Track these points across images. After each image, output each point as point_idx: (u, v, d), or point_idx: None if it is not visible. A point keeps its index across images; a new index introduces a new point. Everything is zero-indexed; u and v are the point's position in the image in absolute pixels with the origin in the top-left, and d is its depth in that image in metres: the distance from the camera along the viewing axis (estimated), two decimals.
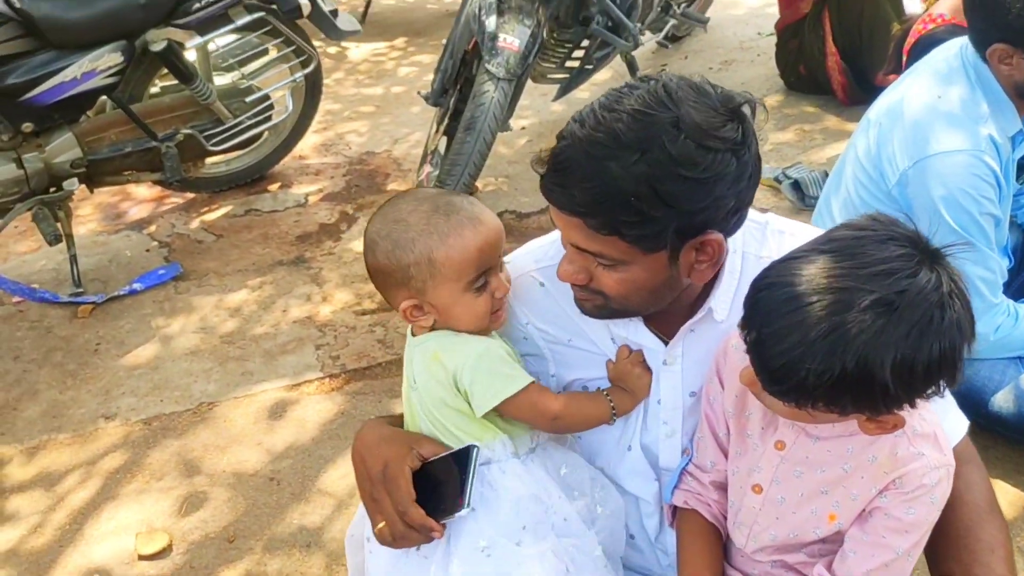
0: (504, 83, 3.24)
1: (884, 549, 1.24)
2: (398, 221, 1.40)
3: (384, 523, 1.38)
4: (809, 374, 1.06)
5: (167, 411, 2.91)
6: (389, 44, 6.15)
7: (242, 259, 3.75)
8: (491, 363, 1.39)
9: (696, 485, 1.44)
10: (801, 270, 1.10)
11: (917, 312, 1.04)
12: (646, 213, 1.18)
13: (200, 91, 3.68)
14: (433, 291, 1.38)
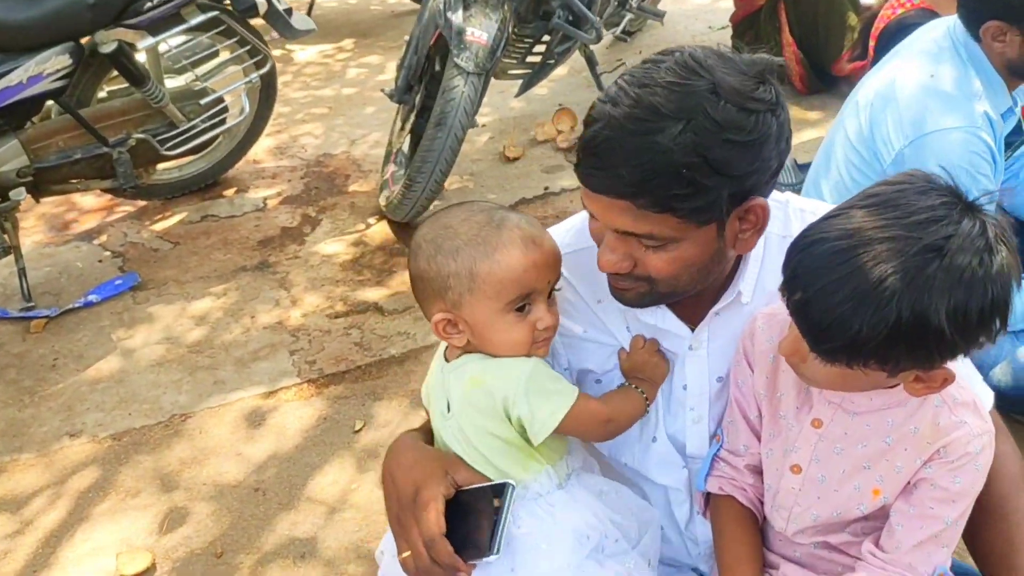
0: (474, 77, 3.18)
1: (932, 520, 1.23)
2: (447, 227, 1.31)
3: (409, 552, 1.29)
4: (863, 327, 1.03)
5: (137, 425, 2.78)
6: (336, 46, 6.04)
7: (202, 266, 3.62)
8: (542, 382, 1.30)
9: (730, 470, 1.41)
10: (844, 225, 1.09)
11: (967, 256, 1.03)
12: (699, 183, 1.15)
13: (152, 94, 3.55)
14: (469, 307, 1.28)
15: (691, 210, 1.17)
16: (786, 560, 1.39)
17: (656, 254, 1.23)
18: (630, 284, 1.28)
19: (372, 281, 3.40)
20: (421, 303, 1.36)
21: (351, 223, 3.81)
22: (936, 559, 1.23)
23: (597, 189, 1.19)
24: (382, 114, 4.84)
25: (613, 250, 1.24)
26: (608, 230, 1.24)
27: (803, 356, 1.15)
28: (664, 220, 1.18)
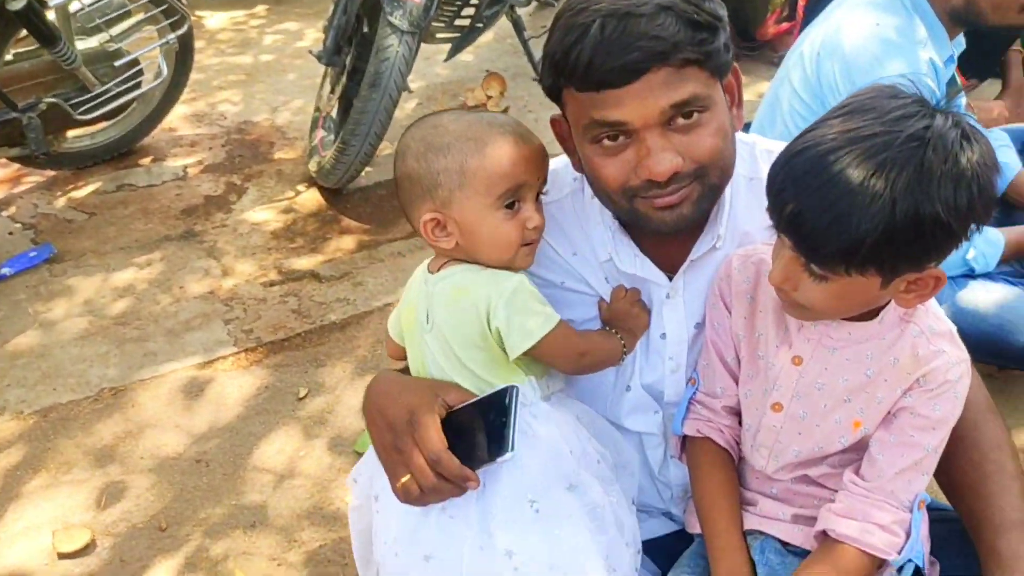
0: (408, 36, 3.11)
1: (913, 448, 1.25)
2: (437, 126, 1.29)
3: (409, 476, 1.25)
4: (861, 222, 1.03)
5: (64, 400, 2.64)
6: (248, 12, 5.84)
7: (122, 236, 3.46)
8: (526, 299, 1.28)
9: (707, 412, 1.41)
10: (824, 133, 1.09)
11: (947, 143, 1.05)
12: (709, 25, 1.19)
13: (64, 55, 3.36)
14: (459, 205, 1.26)
15: (713, 53, 1.18)
16: (763, 496, 1.40)
17: (698, 133, 1.20)
18: (684, 191, 1.23)
19: (306, 248, 3.31)
20: (407, 208, 1.32)
21: (279, 190, 3.70)
22: (916, 486, 1.26)
23: (638, 64, 1.15)
24: (304, 80, 4.71)
25: (664, 148, 1.19)
26: (645, 132, 1.19)
27: (795, 283, 1.15)
28: (697, 76, 1.18)
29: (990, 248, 2.19)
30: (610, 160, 1.23)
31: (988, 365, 2.35)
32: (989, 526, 1.28)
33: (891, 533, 1.21)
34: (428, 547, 1.27)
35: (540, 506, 1.25)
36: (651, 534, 1.56)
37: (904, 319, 1.22)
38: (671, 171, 1.20)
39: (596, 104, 1.19)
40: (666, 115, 1.18)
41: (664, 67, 1.15)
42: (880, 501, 1.22)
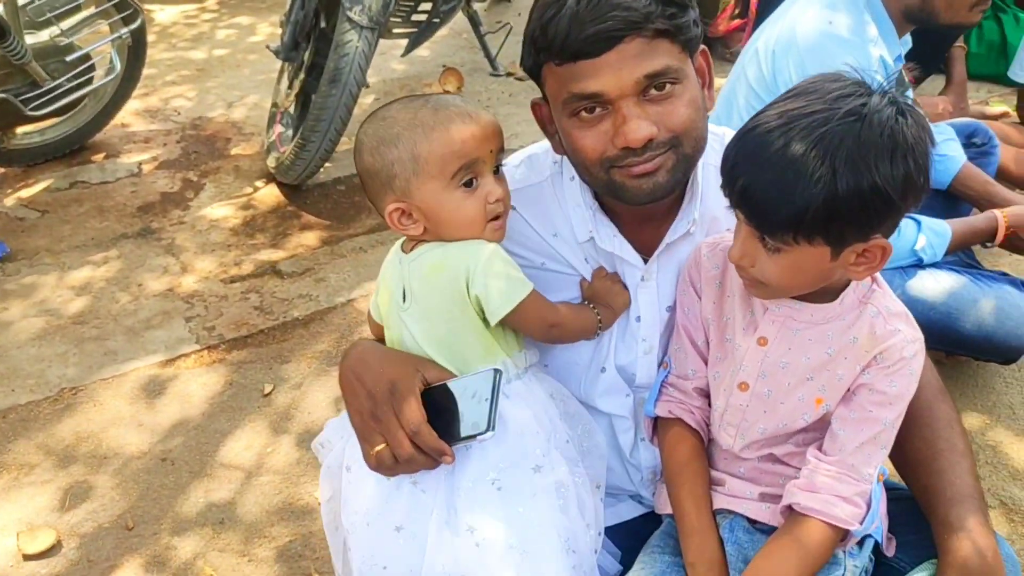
0: (367, 32, 3.11)
1: (872, 422, 1.30)
2: (385, 119, 1.32)
3: (384, 445, 1.28)
4: (805, 192, 1.10)
5: (22, 401, 2.60)
6: (199, 6, 5.77)
7: (76, 234, 3.41)
8: (500, 265, 1.32)
9: (678, 394, 1.45)
10: (771, 113, 1.16)
11: (883, 118, 1.12)
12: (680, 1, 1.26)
13: (13, 50, 3.30)
14: (418, 191, 1.30)
15: (684, 27, 1.25)
16: (731, 476, 1.44)
17: (671, 103, 1.25)
18: (659, 159, 1.28)
19: (267, 244, 3.30)
20: (373, 201, 1.36)
21: (238, 187, 3.67)
22: (876, 460, 1.31)
23: (613, 32, 1.20)
24: (258, 76, 4.67)
25: (639, 116, 1.24)
26: (621, 102, 1.24)
27: (752, 258, 1.20)
28: (669, 50, 1.24)
29: (938, 239, 2.27)
30: (588, 132, 1.28)
31: (937, 351, 2.45)
32: (941, 499, 1.34)
33: (853, 504, 1.26)
34: (399, 518, 1.31)
35: (502, 484, 1.29)
36: (620, 518, 1.61)
37: (863, 301, 1.28)
38: (646, 138, 1.24)
39: (574, 76, 1.24)
40: (640, 85, 1.23)
41: (637, 37, 1.21)
42: (842, 474, 1.27)
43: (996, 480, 2.17)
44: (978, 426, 2.33)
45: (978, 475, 1.38)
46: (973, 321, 2.22)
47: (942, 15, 2.25)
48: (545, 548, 1.28)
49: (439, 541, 1.28)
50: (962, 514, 1.32)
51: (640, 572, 1.43)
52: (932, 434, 1.42)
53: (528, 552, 1.26)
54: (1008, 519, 2.07)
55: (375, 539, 1.31)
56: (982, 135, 2.76)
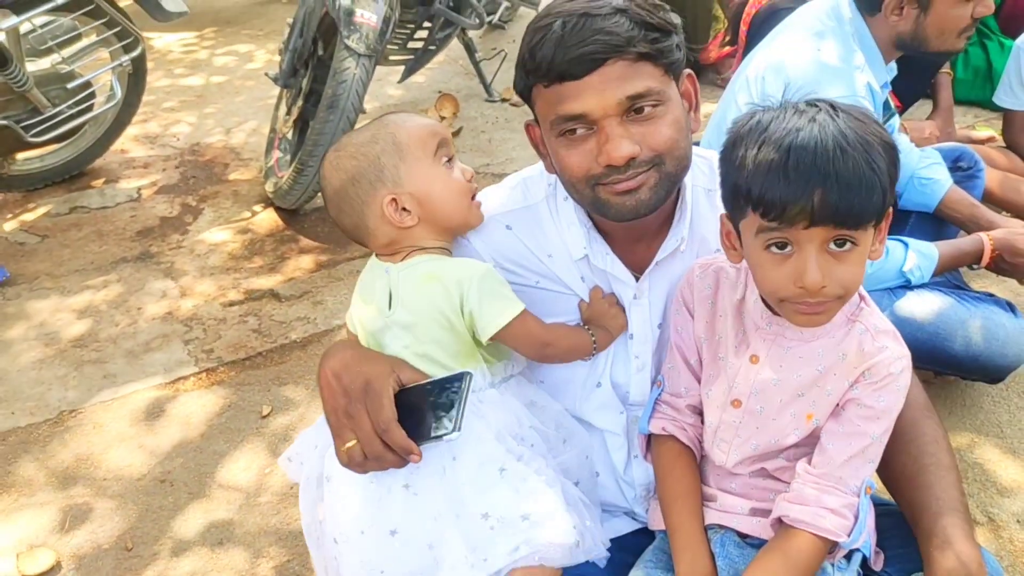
0: (365, 59, 3.17)
1: (860, 436, 1.33)
2: (351, 136, 1.42)
3: (355, 442, 1.33)
4: (877, 177, 1.17)
5: (22, 424, 2.63)
6: (198, 34, 5.85)
7: (76, 259, 3.45)
8: (494, 284, 1.37)
9: (672, 412, 1.49)
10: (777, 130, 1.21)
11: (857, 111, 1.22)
12: (664, 27, 1.30)
13: (15, 77, 3.36)
14: (409, 175, 1.38)
15: (666, 51, 1.30)
16: (723, 492, 1.47)
17: (654, 123, 1.30)
18: (642, 177, 1.32)
19: (265, 268, 3.33)
20: (357, 212, 1.40)
21: (236, 211, 3.72)
22: (863, 473, 1.34)
23: (596, 55, 1.25)
24: (256, 102, 4.73)
25: (621, 136, 1.29)
26: (605, 122, 1.29)
27: (828, 273, 1.20)
28: (652, 72, 1.29)
29: (925, 261, 2.31)
30: (574, 151, 1.33)
31: (926, 371, 2.49)
32: (927, 513, 1.37)
33: (841, 516, 1.29)
34: (394, 523, 1.35)
35: (506, 469, 1.35)
36: (615, 532, 1.63)
37: (851, 319, 1.32)
38: (628, 156, 1.29)
39: (560, 98, 1.29)
40: (623, 106, 1.28)
41: (620, 60, 1.26)
42: (830, 487, 1.31)
43: (984, 497, 2.20)
44: (966, 444, 2.37)
45: (963, 489, 1.41)
46: (961, 341, 2.26)
47: (932, 43, 2.31)
48: (555, 514, 1.35)
49: (451, 535, 1.33)
50: (947, 527, 1.35)
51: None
52: (918, 450, 1.46)
53: (540, 521, 1.33)
54: (996, 535, 2.10)
55: (371, 546, 1.35)
56: (968, 159, 2.81)
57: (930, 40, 2.31)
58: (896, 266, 2.29)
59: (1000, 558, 2.03)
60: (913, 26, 2.27)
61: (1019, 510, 2.16)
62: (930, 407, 1.52)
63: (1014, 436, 2.38)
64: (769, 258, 1.22)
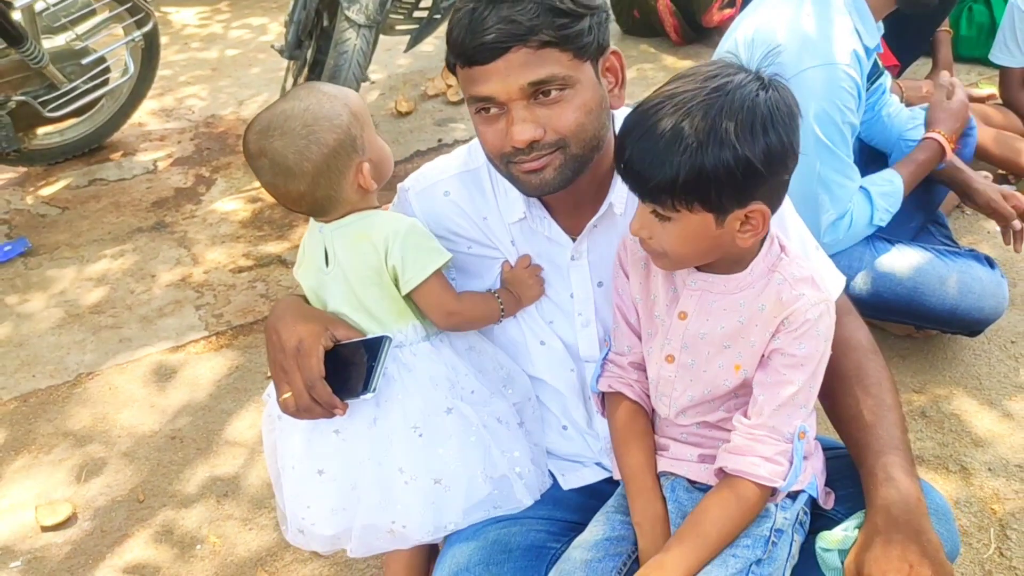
0: (365, 30, 3.24)
1: (786, 384, 1.38)
2: (307, 109, 1.43)
3: (290, 394, 1.45)
4: (674, 160, 1.21)
5: (43, 386, 2.77)
6: (213, 8, 5.95)
7: (95, 229, 3.58)
8: (418, 238, 1.46)
9: (617, 370, 1.56)
10: (652, 95, 1.29)
11: (745, 92, 1.23)
12: (573, 12, 1.32)
13: (31, 54, 3.47)
14: (369, 141, 1.46)
15: (574, 36, 1.32)
16: (673, 441, 1.54)
17: (560, 108, 1.34)
18: (546, 159, 1.37)
19: (273, 236, 3.44)
20: (333, 187, 1.44)
21: (247, 181, 3.83)
22: (795, 419, 1.39)
23: (497, 44, 1.29)
24: (268, 74, 4.83)
25: (524, 120, 1.33)
26: (512, 105, 1.34)
27: (649, 230, 1.31)
28: (558, 58, 1.32)
29: (891, 198, 2.32)
30: (489, 128, 1.39)
31: (907, 325, 2.54)
32: (869, 452, 1.44)
33: (775, 463, 1.36)
34: (321, 463, 1.49)
35: (423, 431, 1.47)
36: (584, 481, 1.72)
37: (771, 270, 1.37)
38: (529, 140, 1.34)
39: (472, 79, 1.35)
40: (526, 91, 1.33)
41: (522, 48, 1.30)
42: (763, 436, 1.37)
43: (959, 447, 2.26)
44: (944, 395, 2.42)
45: (906, 428, 1.47)
46: (937, 295, 2.30)
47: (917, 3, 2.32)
48: (462, 480, 1.48)
49: (373, 479, 1.46)
50: (887, 464, 1.42)
51: (595, 528, 1.54)
52: (862, 391, 1.51)
53: (449, 486, 1.46)
54: (966, 482, 2.16)
55: (299, 481, 1.50)
56: None
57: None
58: (864, 220, 2.32)
59: (969, 504, 2.09)
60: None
61: (991, 459, 2.21)
62: (874, 348, 1.58)
63: (992, 388, 2.43)
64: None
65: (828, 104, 2.18)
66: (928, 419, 2.35)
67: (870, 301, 2.35)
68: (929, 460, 2.23)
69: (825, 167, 2.22)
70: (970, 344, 2.55)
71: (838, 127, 2.19)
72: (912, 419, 2.34)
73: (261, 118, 1.45)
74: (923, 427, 2.33)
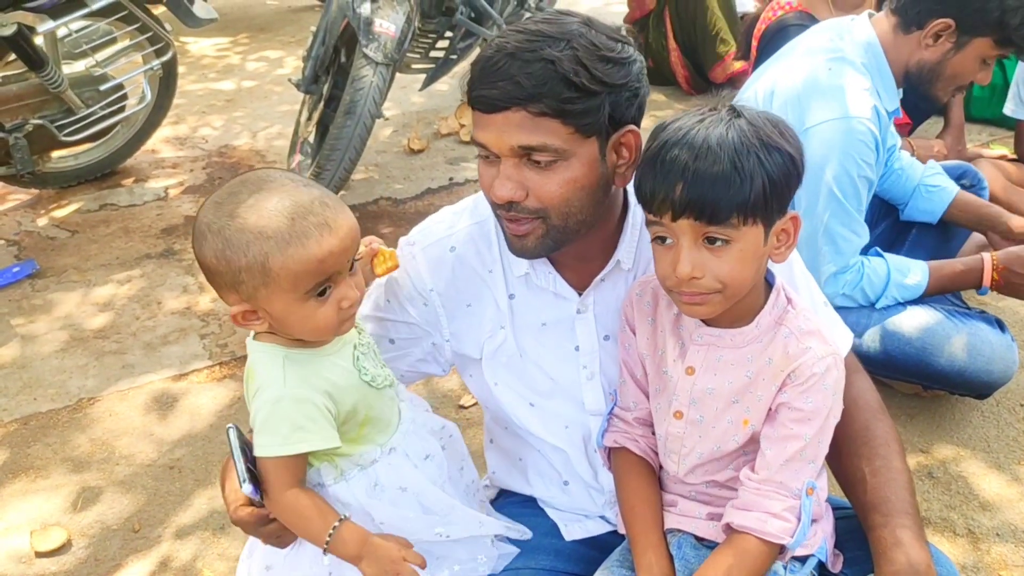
0: (382, 68, 3.27)
1: (793, 439, 1.36)
2: (233, 216, 1.21)
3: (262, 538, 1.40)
4: (749, 176, 1.21)
5: (43, 409, 2.76)
6: (231, 40, 6.02)
7: (103, 254, 3.59)
8: (287, 411, 1.27)
9: (623, 425, 1.55)
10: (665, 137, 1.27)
11: (751, 108, 1.27)
12: (584, 87, 1.28)
13: (51, 79, 3.51)
14: (266, 299, 1.23)
15: (578, 113, 1.29)
16: (682, 498, 1.53)
17: (547, 176, 1.32)
18: (527, 227, 1.36)
19: None
20: (216, 289, 1.29)
21: None
22: (804, 475, 1.37)
23: (496, 101, 1.29)
24: (283, 106, 4.87)
25: (508, 177, 1.32)
26: (503, 159, 1.33)
27: (703, 267, 1.27)
28: (556, 129, 1.29)
29: (903, 292, 2.33)
30: (486, 172, 1.38)
31: (915, 385, 2.52)
32: (878, 515, 1.42)
33: (783, 519, 1.34)
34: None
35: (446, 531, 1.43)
36: (589, 533, 1.70)
37: (777, 323, 1.37)
38: (506, 199, 1.34)
39: (477, 123, 1.35)
40: (515, 152, 1.31)
41: (521, 110, 1.29)
42: (771, 492, 1.35)
43: (966, 510, 2.23)
44: (952, 457, 2.40)
45: (914, 491, 1.46)
46: (946, 356, 2.29)
47: (939, 83, 2.28)
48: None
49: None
50: (896, 529, 1.40)
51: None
52: (870, 452, 1.50)
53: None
54: (974, 547, 2.13)
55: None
56: (971, 177, 2.83)
57: (941, 79, 2.31)
58: (869, 298, 2.33)
59: (976, 570, 2.06)
60: (938, 59, 2.26)
61: (998, 524, 2.19)
62: (882, 409, 1.56)
63: (1000, 451, 2.41)
64: (657, 249, 1.32)
65: (845, 157, 2.19)
66: (935, 480, 2.33)
67: (878, 359, 2.34)
68: (936, 522, 2.20)
69: (833, 219, 2.23)
70: (979, 406, 2.54)
71: (853, 180, 2.20)
72: (919, 480, 2.32)
73: (232, 187, 1.27)
74: (930, 488, 2.30)
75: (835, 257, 2.27)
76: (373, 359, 1.41)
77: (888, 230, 2.71)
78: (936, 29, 2.24)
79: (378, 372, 1.40)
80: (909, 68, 2.32)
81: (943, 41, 2.25)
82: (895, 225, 2.73)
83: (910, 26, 2.28)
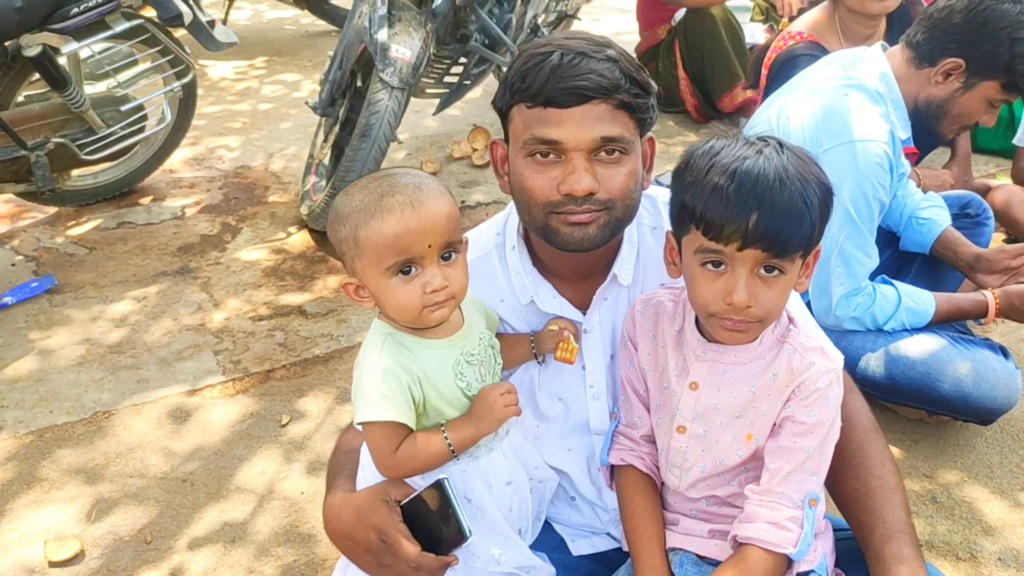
0: (398, 92, 3.34)
1: (796, 452, 1.40)
2: (347, 193, 1.36)
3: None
4: (810, 209, 1.27)
5: (59, 422, 2.80)
6: (249, 63, 6.11)
7: (120, 271, 3.65)
8: (377, 384, 1.33)
9: (628, 442, 1.58)
10: (721, 163, 1.29)
11: (801, 151, 1.33)
12: (645, 86, 1.42)
13: (73, 99, 3.58)
14: (361, 271, 1.34)
15: (642, 108, 1.41)
16: (683, 516, 1.55)
17: (615, 169, 1.40)
18: (592, 215, 1.41)
19: (294, 286, 3.50)
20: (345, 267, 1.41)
21: (272, 231, 3.90)
22: (806, 486, 1.40)
23: (587, 91, 1.35)
24: (299, 129, 4.94)
25: (586, 170, 1.38)
26: (572, 155, 1.38)
27: (758, 295, 1.30)
28: (626, 123, 1.40)
29: (912, 317, 2.37)
30: (539, 174, 1.42)
31: (919, 410, 2.54)
32: (874, 535, 1.45)
33: (785, 529, 1.37)
34: None
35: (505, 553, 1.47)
36: (595, 548, 1.73)
37: (780, 340, 1.41)
38: (588, 190, 1.39)
39: (540, 121, 1.38)
40: (596, 144, 1.38)
41: (604, 102, 1.37)
42: (774, 503, 1.39)
43: (969, 534, 2.25)
44: (955, 482, 2.41)
45: (910, 510, 1.48)
46: (951, 383, 2.32)
47: (946, 120, 2.37)
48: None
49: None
50: (894, 548, 1.43)
51: None
52: (865, 472, 1.53)
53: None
54: (976, 572, 2.14)
55: None
56: (976, 206, 2.87)
57: (947, 117, 2.37)
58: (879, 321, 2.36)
59: None
60: (946, 97, 2.33)
61: (1001, 549, 2.20)
62: (876, 428, 1.59)
63: (1003, 477, 2.42)
64: (704, 273, 1.33)
65: (862, 178, 2.23)
66: (939, 505, 2.35)
67: (883, 384, 2.37)
68: (939, 546, 2.22)
69: (848, 241, 2.27)
70: (982, 432, 2.56)
71: (868, 202, 2.25)
72: (923, 504, 2.34)
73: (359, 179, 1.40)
74: (933, 512, 2.32)
75: (848, 279, 2.31)
76: (479, 372, 1.44)
77: (891, 258, 2.74)
78: (947, 68, 2.29)
79: (478, 386, 1.43)
80: (918, 102, 2.37)
81: (952, 80, 2.30)
82: (899, 254, 2.77)
83: (922, 62, 2.34)
